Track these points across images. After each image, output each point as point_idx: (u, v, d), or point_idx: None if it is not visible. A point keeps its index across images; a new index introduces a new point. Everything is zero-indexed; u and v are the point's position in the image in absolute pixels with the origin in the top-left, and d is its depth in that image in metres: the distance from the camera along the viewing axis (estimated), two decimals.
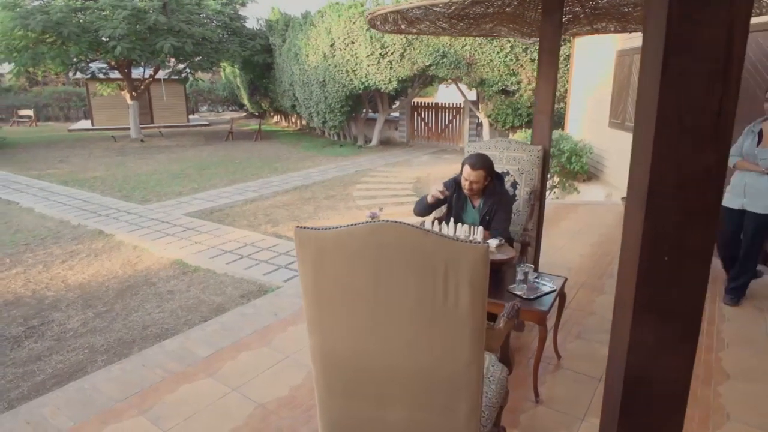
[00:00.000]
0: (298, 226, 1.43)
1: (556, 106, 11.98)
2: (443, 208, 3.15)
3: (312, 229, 1.41)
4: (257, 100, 21.95)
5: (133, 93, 17.10)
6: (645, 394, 0.97)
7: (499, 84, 12.12)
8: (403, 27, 3.55)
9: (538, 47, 3.45)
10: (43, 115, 25.26)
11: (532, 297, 2.35)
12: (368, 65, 12.87)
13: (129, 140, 17.19)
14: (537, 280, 2.52)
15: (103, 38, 13.74)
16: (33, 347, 4.00)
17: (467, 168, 2.79)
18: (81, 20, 13.97)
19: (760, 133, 3.25)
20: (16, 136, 18.38)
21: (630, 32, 4.29)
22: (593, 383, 2.55)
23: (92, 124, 21.21)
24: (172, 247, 6.10)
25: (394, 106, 17.02)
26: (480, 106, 13.78)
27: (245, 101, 23.52)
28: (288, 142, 17.50)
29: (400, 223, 1.31)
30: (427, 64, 12.33)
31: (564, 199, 7.72)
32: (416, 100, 16.95)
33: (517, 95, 12.16)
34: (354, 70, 13.29)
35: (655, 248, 0.88)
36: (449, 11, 2.93)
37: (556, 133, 7.78)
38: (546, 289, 2.44)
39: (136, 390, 2.50)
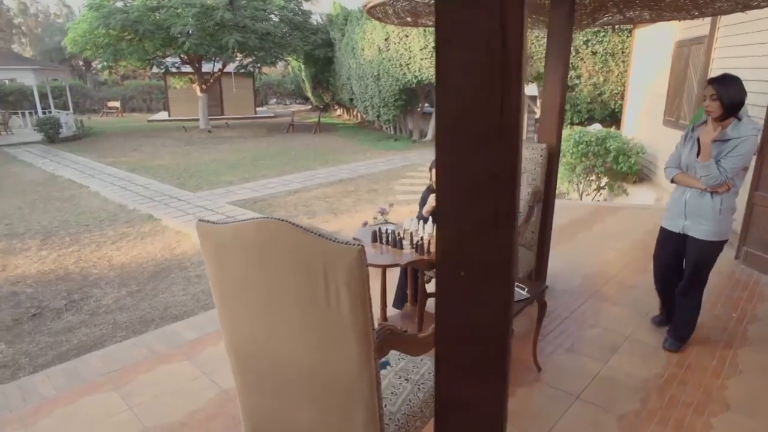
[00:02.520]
0: (200, 220, 1.45)
1: (612, 104, 11.13)
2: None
3: (211, 223, 1.42)
4: (320, 93, 22.46)
5: (203, 86, 18.11)
6: (459, 420, 0.89)
7: None
8: (408, 20, 3.46)
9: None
10: (129, 106, 27.46)
11: None
12: (421, 59, 12.73)
13: (198, 131, 18.25)
14: None
15: (175, 35, 14.65)
16: (70, 319, 4.39)
17: (435, 170, 2.73)
18: (156, 18, 14.99)
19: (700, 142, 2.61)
20: (102, 126, 20.13)
21: (667, 20, 3.91)
22: (568, 400, 2.37)
23: (169, 115, 22.76)
24: None
25: None
26: (538, 102, 13.21)
27: (309, 94, 24.16)
28: (345, 135, 17.76)
29: (282, 220, 1.29)
30: None
31: (612, 201, 7.22)
32: None
33: (576, 90, 11.51)
34: (407, 64, 13.21)
35: (449, 263, 0.80)
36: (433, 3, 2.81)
37: (603, 131, 7.28)
38: (516, 297, 2.30)
39: (118, 367, 2.66)
